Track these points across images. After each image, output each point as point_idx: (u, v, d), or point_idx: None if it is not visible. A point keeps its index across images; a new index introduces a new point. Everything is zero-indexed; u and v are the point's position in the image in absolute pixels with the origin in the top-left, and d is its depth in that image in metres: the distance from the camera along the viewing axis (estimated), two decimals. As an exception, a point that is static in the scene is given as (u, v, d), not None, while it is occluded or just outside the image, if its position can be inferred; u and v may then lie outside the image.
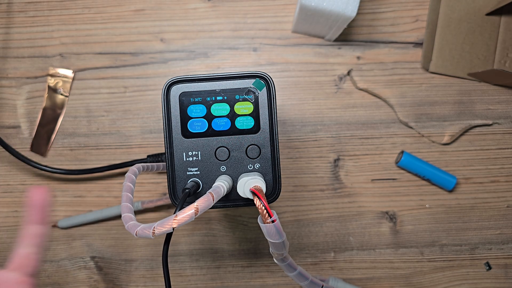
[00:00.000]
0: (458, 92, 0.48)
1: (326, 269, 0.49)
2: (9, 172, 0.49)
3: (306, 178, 0.48)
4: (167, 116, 0.30)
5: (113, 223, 0.49)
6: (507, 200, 0.48)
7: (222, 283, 0.49)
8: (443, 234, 0.48)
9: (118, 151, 0.48)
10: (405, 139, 0.48)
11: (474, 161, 0.48)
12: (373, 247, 0.48)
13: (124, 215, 0.26)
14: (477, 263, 0.48)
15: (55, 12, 0.48)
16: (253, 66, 0.48)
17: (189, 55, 0.48)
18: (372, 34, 0.48)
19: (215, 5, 0.48)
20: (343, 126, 0.48)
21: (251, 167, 0.30)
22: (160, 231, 0.24)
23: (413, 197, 0.48)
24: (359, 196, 0.48)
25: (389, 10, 0.48)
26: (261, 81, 0.30)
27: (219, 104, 0.30)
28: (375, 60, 0.48)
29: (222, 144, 0.30)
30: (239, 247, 0.49)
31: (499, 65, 0.46)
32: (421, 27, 0.48)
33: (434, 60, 0.47)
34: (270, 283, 0.49)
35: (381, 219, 0.48)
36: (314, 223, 0.48)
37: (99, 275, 0.49)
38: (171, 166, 0.30)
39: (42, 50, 0.48)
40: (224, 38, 0.48)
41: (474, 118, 0.48)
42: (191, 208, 0.24)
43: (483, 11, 0.46)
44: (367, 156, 0.48)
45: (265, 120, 0.30)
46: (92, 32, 0.48)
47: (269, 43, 0.48)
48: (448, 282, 0.48)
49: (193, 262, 0.49)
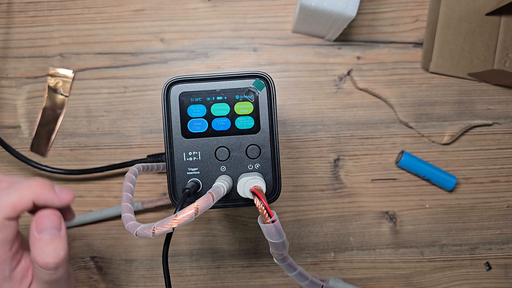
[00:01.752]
0: (458, 92, 0.48)
1: (326, 269, 0.49)
2: (9, 172, 0.49)
3: (306, 178, 0.48)
4: (167, 116, 0.30)
5: (113, 223, 0.49)
6: (507, 200, 0.48)
7: (222, 283, 0.49)
8: (443, 234, 0.48)
9: (118, 151, 0.48)
10: (405, 139, 0.48)
11: (474, 161, 0.48)
12: (373, 247, 0.48)
13: (124, 215, 0.26)
14: (477, 263, 0.48)
15: (55, 12, 0.48)
16: (253, 66, 0.48)
17: (189, 55, 0.48)
18: (372, 34, 0.48)
19: (215, 5, 0.48)
20: (343, 126, 0.48)
21: (251, 167, 0.30)
22: (160, 231, 0.24)
23: (413, 197, 0.48)
24: (359, 196, 0.48)
25: (389, 10, 0.48)
26: (261, 81, 0.30)
27: (219, 104, 0.30)
28: (375, 60, 0.48)
29: (222, 144, 0.30)
30: (239, 247, 0.49)
31: (499, 65, 0.46)
32: (421, 27, 0.48)
33: (434, 60, 0.47)
34: (270, 283, 0.49)
35: (381, 219, 0.48)
36: (314, 223, 0.48)
37: (99, 275, 0.49)
38: (171, 166, 0.30)
39: (42, 50, 0.48)
40: (224, 38, 0.48)
41: (474, 118, 0.48)
42: (191, 208, 0.24)
43: (483, 11, 0.46)
44: (367, 156, 0.48)
45: (265, 120, 0.30)
46: (92, 32, 0.48)
47: (269, 43, 0.48)
48: (448, 282, 0.48)
49: (193, 262, 0.49)
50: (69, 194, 0.29)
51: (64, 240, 0.28)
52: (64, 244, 0.28)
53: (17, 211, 0.27)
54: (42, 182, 0.28)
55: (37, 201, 0.27)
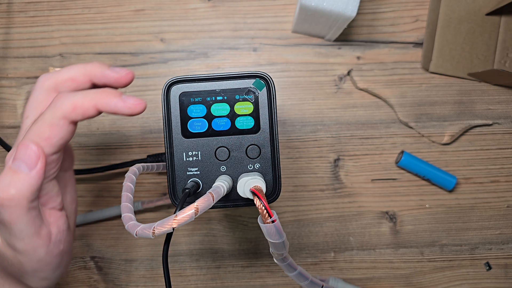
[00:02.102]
0: (458, 92, 0.48)
1: (326, 269, 0.49)
2: (9, 172, 0.49)
3: (306, 178, 0.48)
4: (167, 116, 0.30)
5: (113, 223, 0.49)
6: (507, 200, 0.48)
7: (222, 283, 0.49)
8: (443, 234, 0.48)
9: (118, 151, 0.48)
10: (405, 139, 0.48)
11: (474, 161, 0.48)
12: (373, 247, 0.48)
13: (124, 215, 0.26)
14: (477, 263, 0.48)
15: (55, 12, 0.48)
16: (253, 66, 0.48)
17: (189, 55, 0.48)
18: (372, 34, 0.48)
19: (215, 5, 0.48)
20: (343, 126, 0.48)
21: (251, 167, 0.30)
22: (160, 231, 0.24)
23: (413, 197, 0.48)
24: (359, 196, 0.48)
25: (389, 10, 0.48)
26: (261, 81, 0.30)
27: (219, 104, 0.30)
28: (375, 60, 0.48)
29: (222, 144, 0.30)
30: (239, 247, 0.49)
31: (499, 65, 0.46)
32: (421, 27, 0.48)
33: (434, 60, 0.47)
34: (270, 283, 0.49)
35: (381, 219, 0.48)
36: (314, 223, 0.48)
37: (99, 275, 0.49)
38: (171, 166, 0.30)
39: (42, 50, 0.48)
40: (224, 38, 0.48)
41: (474, 118, 0.48)
42: (191, 208, 0.24)
43: (483, 11, 0.46)
44: (367, 156, 0.48)
45: (265, 120, 0.30)
46: (92, 32, 0.48)
47: (269, 43, 0.48)
48: (448, 282, 0.48)
49: (193, 262, 0.49)
50: (128, 74, 0.28)
51: (28, 182, 0.25)
52: (26, 186, 0.24)
53: (77, 113, 0.26)
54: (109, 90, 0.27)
55: (101, 107, 0.26)
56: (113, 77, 0.29)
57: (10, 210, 0.25)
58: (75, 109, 0.26)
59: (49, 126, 0.26)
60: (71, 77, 0.28)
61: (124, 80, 0.29)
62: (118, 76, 0.29)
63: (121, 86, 0.30)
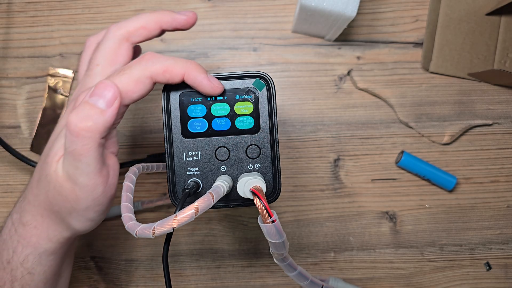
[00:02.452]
0: (458, 92, 0.48)
1: (326, 269, 0.49)
2: (9, 172, 0.49)
3: (306, 178, 0.48)
4: (167, 116, 0.30)
5: (113, 223, 0.49)
6: (507, 200, 0.48)
7: (222, 283, 0.49)
8: (443, 234, 0.48)
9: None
10: (405, 139, 0.48)
11: (474, 161, 0.48)
12: (373, 247, 0.48)
13: (124, 215, 0.26)
14: (477, 263, 0.48)
15: (55, 12, 0.48)
16: (253, 66, 0.48)
17: (189, 55, 0.48)
18: (372, 34, 0.48)
19: (215, 5, 0.48)
20: (343, 126, 0.48)
21: (251, 167, 0.30)
22: (160, 231, 0.24)
23: (413, 197, 0.48)
24: (359, 196, 0.48)
25: (389, 10, 0.48)
26: (261, 81, 0.30)
27: (219, 104, 0.30)
28: (375, 60, 0.48)
29: (222, 144, 0.30)
30: (239, 247, 0.49)
31: (499, 65, 0.46)
32: (421, 27, 0.48)
33: (434, 60, 0.47)
34: (270, 283, 0.49)
35: (381, 219, 0.48)
36: (314, 223, 0.48)
37: (99, 275, 0.49)
38: (171, 166, 0.30)
39: (42, 50, 0.48)
40: (224, 38, 0.48)
41: (474, 118, 0.48)
42: (191, 208, 0.24)
43: (483, 11, 0.46)
44: (367, 156, 0.48)
45: (265, 120, 0.30)
46: (92, 32, 0.48)
47: (269, 43, 0.48)
48: (448, 282, 0.48)
49: (193, 262, 0.49)
50: (194, 14, 0.29)
51: (103, 118, 0.25)
52: (101, 121, 0.25)
53: (166, 76, 0.27)
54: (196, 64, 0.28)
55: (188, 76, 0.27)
56: (183, 19, 0.30)
57: (84, 141, 0.25)
58: (164, 72, 0.27)
59: (135, 81, 0.27)
60: (142, 25, 0.29)
61: (192, 20, 0.30)
62: (186, 18, 0.30)
63: (188, 28, 0.31)
